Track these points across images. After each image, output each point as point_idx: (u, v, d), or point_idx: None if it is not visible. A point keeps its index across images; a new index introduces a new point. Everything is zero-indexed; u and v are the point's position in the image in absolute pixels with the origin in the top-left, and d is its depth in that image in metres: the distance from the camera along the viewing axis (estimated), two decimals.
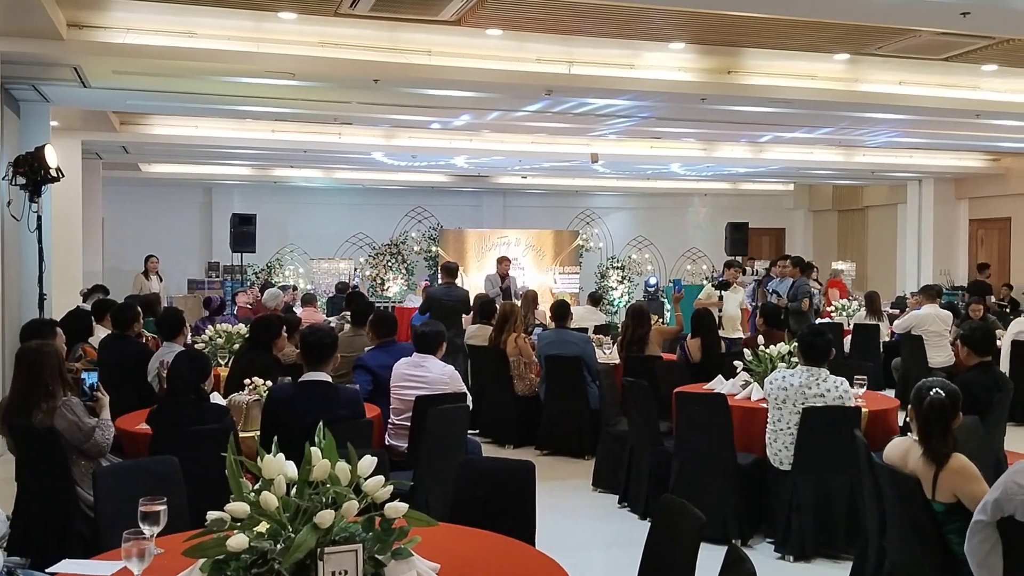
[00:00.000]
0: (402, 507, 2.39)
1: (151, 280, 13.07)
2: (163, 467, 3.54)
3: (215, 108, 10.19)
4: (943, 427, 3.33)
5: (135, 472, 3.52)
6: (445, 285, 9.99)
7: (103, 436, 4.22)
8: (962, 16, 6.13)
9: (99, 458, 4.24)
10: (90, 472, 3.89)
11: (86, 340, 6.51)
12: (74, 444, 4.14)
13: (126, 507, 2.78)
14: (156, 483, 3.28)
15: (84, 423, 4.16)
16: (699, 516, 2.72)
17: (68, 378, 4.31)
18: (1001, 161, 15.61)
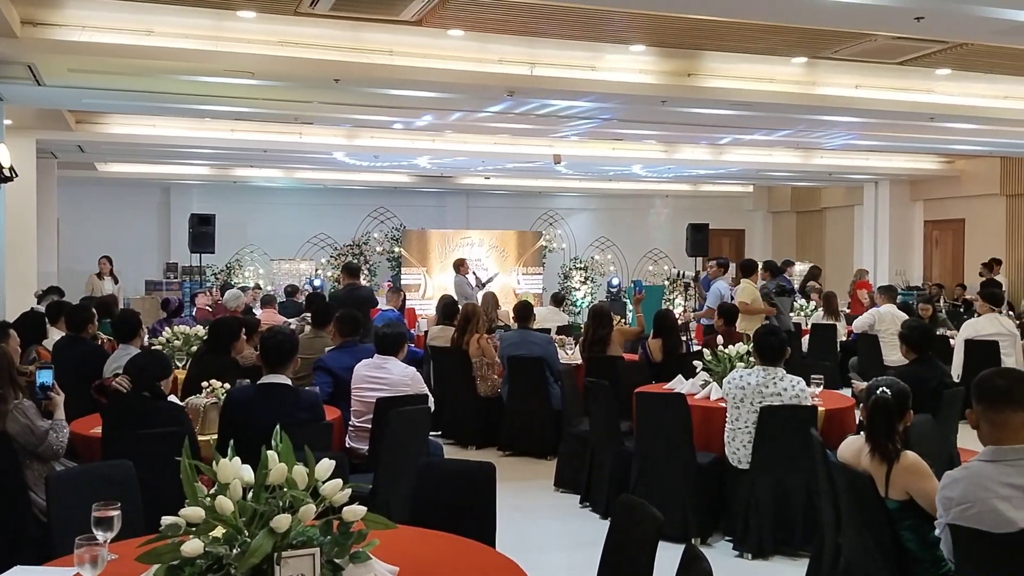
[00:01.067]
0: (360, 510, 2.38)
1: (104, 281, 12.86)
2: (117, 471, 3.49)
3: (173, 107, 10.05)
4: (888, 425, 3.38)
5: (88, 477, 3.47)
6: (348, 286, 9.81)
7: (57, 438, 4.15)
8: (916, 21, 6.23)
9: (54, 460, 4.18)
10: (43, 476, 3.82)
11: (40, 342, 6.40)
12: (27, 448, 4.07)
13: (79, 512, 2.74)
14: (110, 488, 3.24)
15: (37, 426, 4.09)
16: (657, 516, 2.74)
17: (20, 381, 4.23)
18: (955, 163, 15.91)
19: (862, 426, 3.59)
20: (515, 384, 7.61)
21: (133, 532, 2.80)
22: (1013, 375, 2.80)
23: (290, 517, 2.24)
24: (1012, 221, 15.30)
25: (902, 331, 5.99)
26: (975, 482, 2.71)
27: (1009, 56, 8.24)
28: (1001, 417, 2.72)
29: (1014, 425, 2.70)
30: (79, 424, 4.77)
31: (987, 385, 2.78)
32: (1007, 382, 2.76)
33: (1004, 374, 2.82)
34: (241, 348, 6.15)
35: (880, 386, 3.44)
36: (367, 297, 9.68)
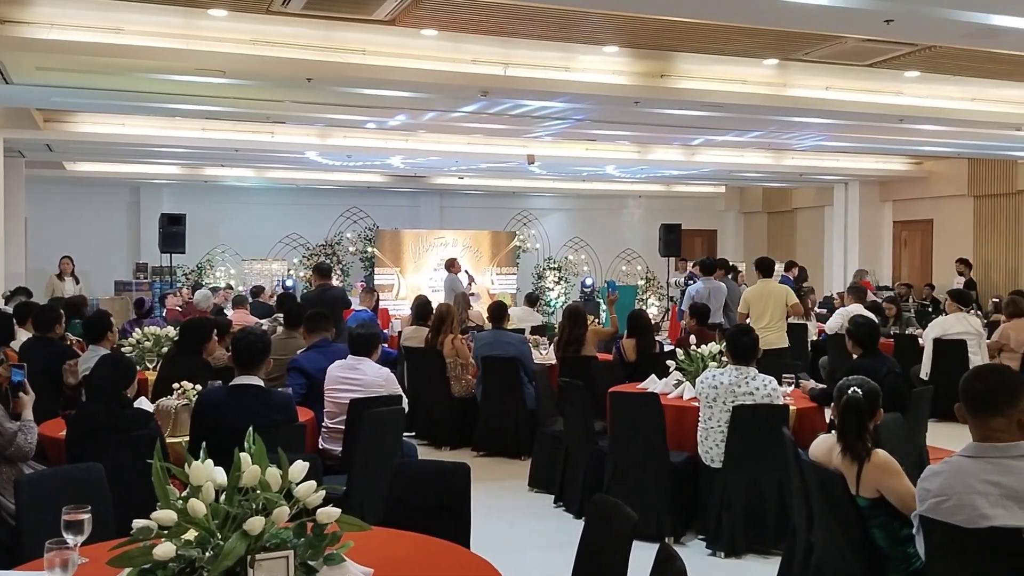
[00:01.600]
0: (334, 512, 2.37)
1: (65, 282, 12.69)
2: (87, 474, 3.45)
3: (143, 106, 9.94)
4: (859, 425, 3.42)
5: (58, 480, 3.42)
6: (320, 286, 9.76)
7: (26, 440, 4.09)
8: (886, 24, 6.29)
9: (23, 463, 4.12)
10: (11, 479, 3.77)
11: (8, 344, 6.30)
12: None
13: (49, 516, 2.71)
14: (80, 491, 3.20)
15: (6, 428, 4.04)
16: (631, 515, 2.76)
17: None
18: (924, 164, 16.11)
19: (833, 425, 3.63)
20: (489, 384, 7.61)
21: (104, 536, 2.77)
22: (990, 378, 2.81)
23: (263, 519, 2.22)
24: (979, 222, 15.52)
25: (848, 328, 6.08)
26: (955, 476, 2.73)
27: (977, 59, 8.36)
28: (980, 420, 2.75)
29: (995, 426, 2.73)
30: (48, 427, 4.71)
31: (967, 387, 2.80)
32: (985, 386, 2.77)
33: (983, 376, 2.83)
34: (212, 349, 6.11)
35: (851, 386, 3.48)
36: (339, 298, 9.63)
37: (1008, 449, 2.69)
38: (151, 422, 4.21)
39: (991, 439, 2.72)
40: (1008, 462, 2.68)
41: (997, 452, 2.70)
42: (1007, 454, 2.69)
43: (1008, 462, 2.68)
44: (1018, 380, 2.79)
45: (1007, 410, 2.71)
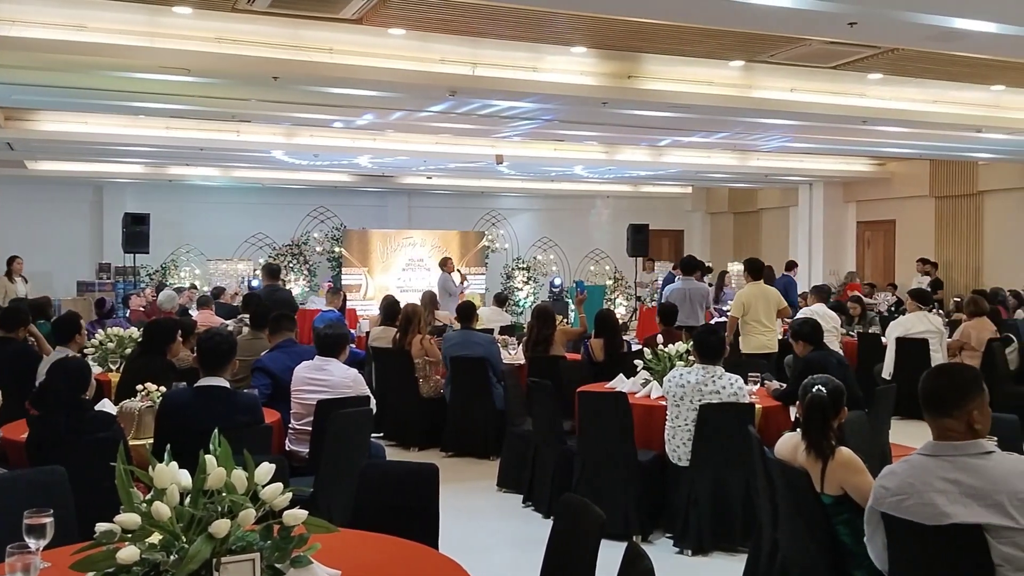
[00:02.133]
0: (301, 514, 2.35)
1: (15, 282, 12.47)
2: (50, 478, 3.40)
3: (107, 104, 9.81)
4: (823, 422, 3.47)
5: (20, 483, 3.37)
6: (268, 287, 9.69)
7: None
8: (849, 26, 6.37)
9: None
10: None
11: None
12: None
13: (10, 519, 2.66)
14: (42, 494, 3.15)
15: None
16: (599, 514, 2.77)
17: None
18: (886, 166, 16.34)
19: (798, 423, 3.67)
20: (458, 385, 7.60)
21: (67, 540, 2.73)
22: (943, 379, 2.84)
23: (229, 522, 2.21)
24: (941, 222, 15.77)
25: (793, 327, 6.18)
26: (914, 475, 2.77)
27: (938, 61, 8.49)
28: (933, 419, 2.79)
29: (947, 426, 2.77)
30: (9, 429, 4.63)
31: (922, 388, 2.82)
32: (936, 387, 2.80)
33: (937, 376, 2.86)
34: (177, 350, 6.04)
35: (815, 384, 3.52)
36: (286, 299, 9.56)
37: (965, 447, 2.72)
38: (114, 425, 4.15)
39: (948, 438, 2.76)
40: (966, 460, 2.71)
41: (955, 451, 2.73)
42: (964, 452, 2.72)
43: (966, 460, 2.71)
44: (968, 382, 2.80)
45: (954, 411, 2.75)
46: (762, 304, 8.45)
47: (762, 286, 8.73)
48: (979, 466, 2.69)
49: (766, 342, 8.37)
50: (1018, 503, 2.60)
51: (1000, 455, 2.73)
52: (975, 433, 2.75)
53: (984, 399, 2.78)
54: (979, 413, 2.75)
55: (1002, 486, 2.63)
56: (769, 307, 8.45)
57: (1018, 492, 2.62)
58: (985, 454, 2.72)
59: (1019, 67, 8.67)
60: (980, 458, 2.70)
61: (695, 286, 9.73)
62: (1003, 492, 2.62)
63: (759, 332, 8.37)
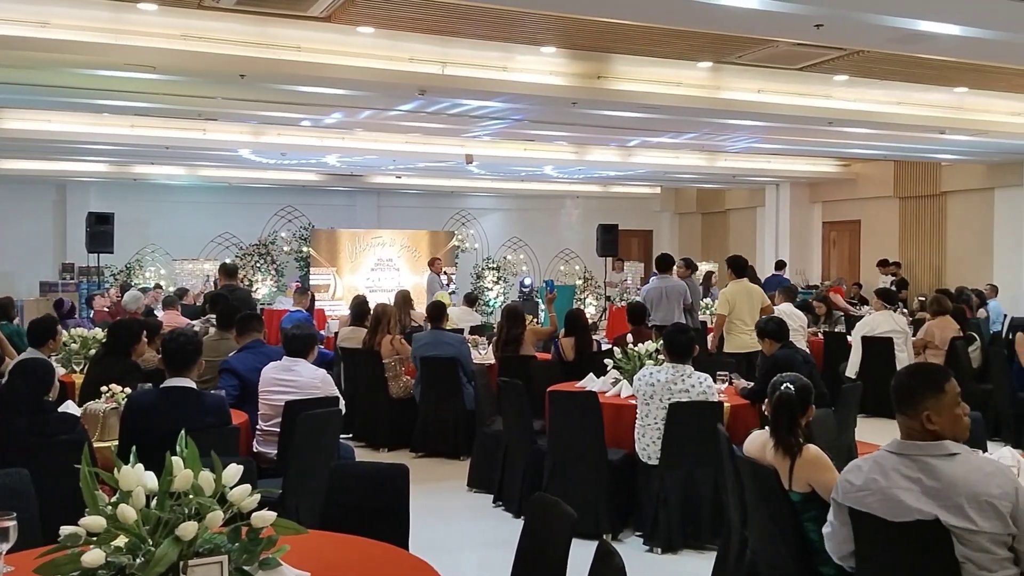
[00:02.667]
0: (269, 516, 2.33)
1: None
2: (13, 480, 3.33)
3: (70, 102, 9.67)
4: (791, 420, 3.50)
5: None
6: (226, 287, 9.61)
7: None
8: (816, 28, 6.43)
9: None
10: None
11: None
12: None
13: None
14: (5, 497, 3.10)
15: None
16: (570, 513, 2.77)
17: None
18: (852, 167, 16.54)
19: (766, 420, 3.70)
20: (428, 385, 7.58)
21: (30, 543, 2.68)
22: (901, 379, 2.86)
23: (196, 524, 2.18)
24: (905, 222, 15.98)
25: (759, 326, 6.23)
26: (878, 470, 2.79)
27: (903, 63, 8.61)
28: (898, 417, 2.82)
29: (908, 425, 2.79)
30: None
31: (892, 387, 2.84)
32: (895, 386, 2.82)
33: (899, 376, 2.88)
34: (142, 351, 5.96)
35: (784, 382, 3.55)
36: (244, 299, 9.48)
37: (928, 448, 2.73)
38: (77, 427, 4.09)
39: (912, 437, 2.78)
40: (927, 460, 2.71)
41: (918, 450, 2.74)
42: (927, 452, 2.72)
43: (927, 460, 2.71)
44: (921, 383, 2.80)
45: (909, 411, 2.77)
46: (746, 302, 8.35)
47: (746, 284, 8.63)
48: (939, 468, 2.69)
49: (749, 341, 8.14)
50: (976, 505, 2.61)
51: (964, 456, 2.72)
52: (933, 434, 2.74)
53: (942, 401, 2.76)
54: (934, 414, 2.74)
55: (961, 489, 2.64)
56: (753, 305, 8.31)
57: (978, 495, 2.62)
58: (948, 456, 2.71)
59: (982, 69, 8.81)
60: (942, 459, 2.70)
61: (672, 284, 9.53)
62: (962, 495, 2.63)
63: (742, 331, 8.29)
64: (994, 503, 2.61)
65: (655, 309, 9.12)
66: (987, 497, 2.61)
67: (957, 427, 2.77)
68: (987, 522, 2.60)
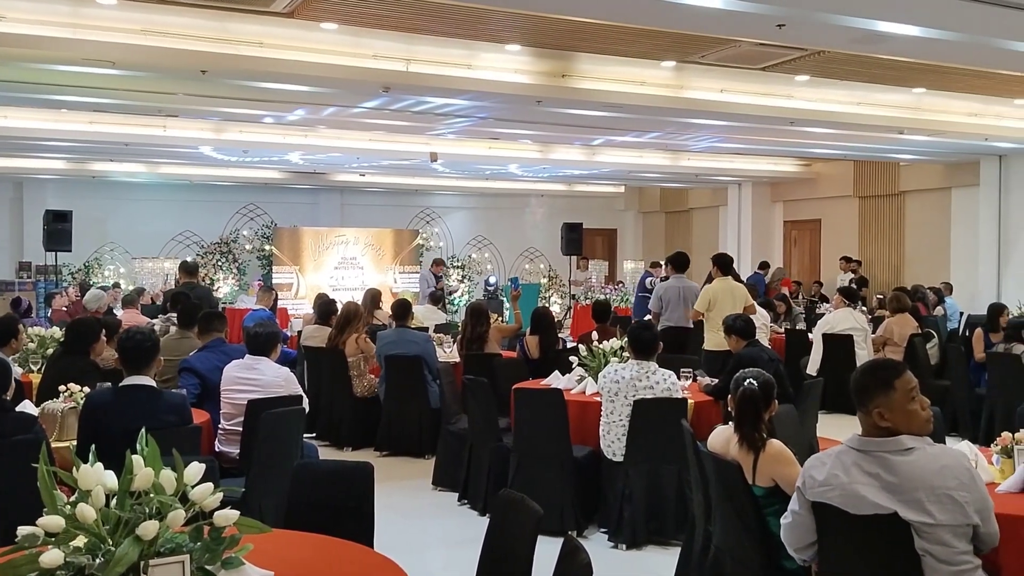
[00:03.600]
0: (232, 515, 2.30)
1: None
2: None
3: (27, 97, 9.50)
4: (755, 416, 3.53)
5: None
6: (186, 284, 9.55)
7: None
8: (778, 28, 6.50)
9: None
10: None
11: None
12: None
13: None
14: None
15: None
16: (536, 509, 2.77)
17: None
18: (812, 166, 16.74)
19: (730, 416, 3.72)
20: (392, 383, 7.54)
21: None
22: (856, 375, 2.89)
23: (157, 524, 2.14)
24: (864, 221, 16.21)
25: (727, 323, 6.26)
26: (839, 465, 2.82)
27: (863, 64, 8.72)
28: (859, 412, 2.85)
29: (863, 420, 2.84)
30: None
31: (852, 383, 2.88)
32: (852, 383, 2.86)
33: (856, 373, 2.90)
34: (101, 350, 5.86)
35: (747, 378, 3.58)
36: (204, 297, 9.38)
37: (885, 444, 2.76)
38: (35, 426, 4.01)
39: (869, 433, 2.82)
40: (885, 456, 2.75)
41: (875, 446, 2.77)
42: (884, 448, 2.76)
43: (885, 456, 2.75)
44: (873, 381, 2.83)
45: (863, 408, 2.82)
46: (728, 300, 8.07)
47: (730, 282, 8.41)
48: (896, 463, 2.73)
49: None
50: (935, 499, 2.64)
51: (921, 451, 2.74)
52: (887, 430, 2.77)
53: (891, 397, 2.77)
54: (886, 411, 2.77)
55: (919, 483, 2.67)
56: (736, 304, 8.01)
57: (935, 488, 2.65)
58: (904, 451, 2.74)
59: (939, 70, 8.96)
60: (899, 455, 2.73)
61: (688, 284, 9.10)
62: (920, 489, 2.66)
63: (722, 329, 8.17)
64: (952, 495, 2.65)
65: (669, 309, 8.79)
66: (945, 490, 2.65)
67: (913, 422, 2.79)
68: (946, 515, 2.65)
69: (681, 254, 9.45)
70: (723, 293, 8.21)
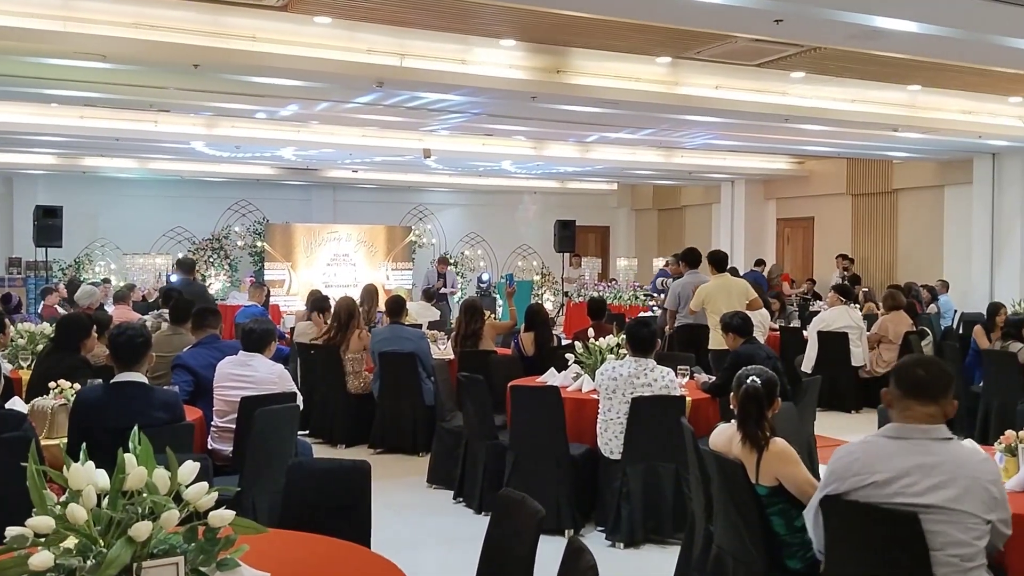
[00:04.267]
0: (228, 515, 2.24)
1: None
2: None
3: (17, 91, 9.38)
4: (758, 414, 3.48)
5: None
6: (182, 280, 9.50)
7: None
8: (775, 23, 6.45)
9: None
10: None
11: None
12: None
13: None
14: None
15: None
16: (538, 509, 2.72)
17: None
18: (805, 164, 16.72)
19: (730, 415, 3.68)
20: (387, 380, 7.47)
21: None
22: (933, 369, 2.92)
23: (150, 524, 2.08)
24: (857, 219, 16.20)
25: (724, 321, 6.22)
26: (875, 455, 2.84)
27: (859, 61, 8.68)
28: (915, 404, 2.84)
29: (928, 412, 2.84)
30: None
31: (908, 374, 2.89)
32: (928, 375, 2.87)
33: (925, 366, 2.93)
34: (92, 346, 5.78)
35: (750, 375, 3.53)
36: (200, 293, 9.31)
37: (931, 431, 2.82)
38: (25, 423, 3.94)
39: (920, 421, 2.83)
40: (929, 443, 2.80)
41: (920, 434, 2.81)
42: (929, 436, 2.81)
43: (929, 443, 2.80)
44: (951, 375, 2.93)
45: (941, 400, 2.84)
46: (723, 298, 7.87)
47: (726, 278, 8.30)
48: (938, 448, 2.79)
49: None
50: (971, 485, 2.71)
51: (956, 442, 2.87)
52: (946, 420, 2.86)
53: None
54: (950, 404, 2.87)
55: (960, 469, 2.75)
56: (732, 302, 7.76)
57: (976, 477, 2.73)
58: (945, 439, 2.82)
59: (935, 67, 8.93)
60: (942, 443, 2.81)
61: (703, 280, 8.82)
62: (960, 475, 2.73)
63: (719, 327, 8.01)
64: (988, 488, 2.74)
65: (686, 306, 8.57)
66: (983, 481, 2.74)
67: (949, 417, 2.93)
68: (976, 505, 2.71)
69: (693, 250, 9.29)
70: (717, 290, 8.13)
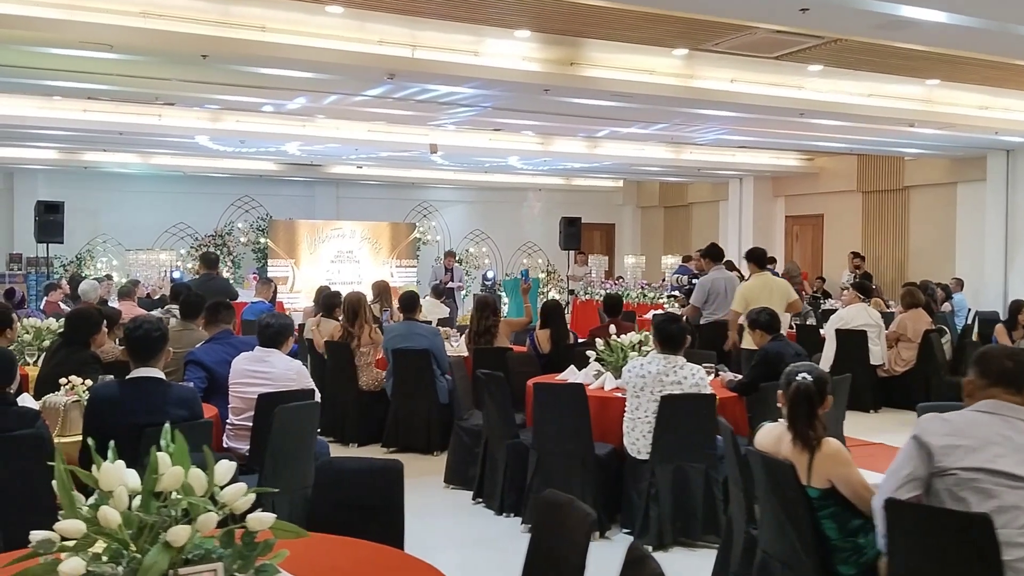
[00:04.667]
0: (268, 518, 2.08)
1: None
2: None
3: (18, 83, 9.22)
4: (808, 412, 3.31)
5: None
6: (204, 276, 9.39)
7: None
8: (801, 12, 6.30)
9: None
10: None
11: None
12: None
13: None
14: None
15: None
16: (589, 512, 2.57)
17: None
18: (815, 161, 16.57)
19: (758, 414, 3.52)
20: (400, 378, 7.31)
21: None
22: (1019, 359, 2.91)
23: (188, 528, 1.93)
24: (868, 217, 16.05)
25: (751, 317, 6.08)
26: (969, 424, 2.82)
27: (879, 53, 8.53)
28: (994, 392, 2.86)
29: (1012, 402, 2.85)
30: None
31: (995, 364, 2.90)
32: (1014, 366, 2.88)
33: (1012, 356, 2.94)
34: (102, 341, 5.63)
35: (800, 372, 3.36)
36: (222, 288, 9.15)
37: (1020, 411, 2.83)
38: (38, 421, 3.78)
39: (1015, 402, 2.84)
40: (1020, 423, 2.80)
41: (1011, 411, 2.82)
42: (1019, 415, 2.82)
43: (1020, 423, 2.80)
44: None
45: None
46: (765, 297, 7.49)
47: (767, 277, 8.04)
48: None
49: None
50: None
51: None
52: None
53: None
54: None
55: None
56: (773, 301, 7.38)
57: None
58: None
59: (955, 61, 8.79)
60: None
61: (729, 275, 8.79)
62: None
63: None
64: None
65: (715, 303, 8.44)
66: None
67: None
68: None
69: (715, 246, 9.16)
70: (759, 290, 7.79)
